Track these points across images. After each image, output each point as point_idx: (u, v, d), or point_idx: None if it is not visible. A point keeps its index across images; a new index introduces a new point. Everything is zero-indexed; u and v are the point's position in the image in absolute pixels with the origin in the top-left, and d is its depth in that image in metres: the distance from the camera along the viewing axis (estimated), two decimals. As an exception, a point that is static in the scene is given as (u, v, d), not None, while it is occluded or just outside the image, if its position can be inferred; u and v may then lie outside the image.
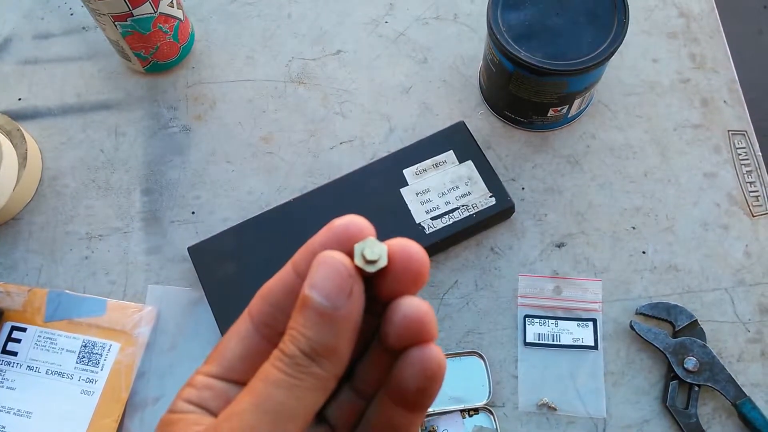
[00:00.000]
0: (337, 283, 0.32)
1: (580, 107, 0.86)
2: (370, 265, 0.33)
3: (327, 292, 0.32)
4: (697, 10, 0.96)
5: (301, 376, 0.32)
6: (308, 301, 0.32)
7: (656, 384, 0.78)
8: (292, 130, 0.91)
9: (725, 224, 0.84)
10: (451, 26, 0.96)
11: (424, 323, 0.33)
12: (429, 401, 0.34)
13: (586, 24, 0.78)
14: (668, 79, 0.92)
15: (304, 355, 0.32)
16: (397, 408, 0.35)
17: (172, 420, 0.34)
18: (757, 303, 0.81)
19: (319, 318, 0.32)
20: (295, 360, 0.32)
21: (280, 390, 0.32)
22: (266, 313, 0.36)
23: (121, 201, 0.87)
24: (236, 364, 0.36)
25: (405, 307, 0.33)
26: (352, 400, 0.37)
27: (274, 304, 0.36)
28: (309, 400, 0.32)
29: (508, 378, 0.78)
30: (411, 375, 0.33)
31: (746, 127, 0.89)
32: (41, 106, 0.93)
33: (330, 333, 0.32)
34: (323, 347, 0.32)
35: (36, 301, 0.81)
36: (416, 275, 0.34)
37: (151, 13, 0.84)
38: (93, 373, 0.78)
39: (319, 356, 0.32)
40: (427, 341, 0.33)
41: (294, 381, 0.32)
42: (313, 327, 0.32)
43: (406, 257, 0.34)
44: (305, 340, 0.32)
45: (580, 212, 0.85)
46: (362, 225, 0.35)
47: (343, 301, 0.32)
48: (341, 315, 0.32)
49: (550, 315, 0.80)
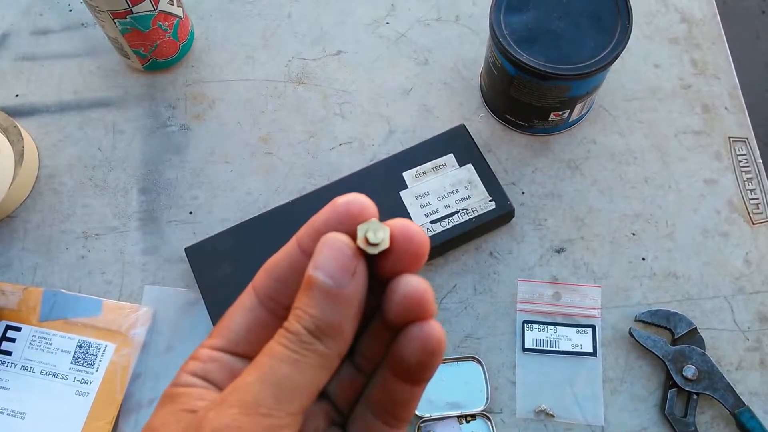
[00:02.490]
0: (341, 264, 0.33)
1: (581, 112, 0.86)
2: (372, 247, 0.34)
3: (331, 272, 0.33)
4: (699, 15, 0.96)
5: (305, 353, 0.33)
6: (313, 281, 0.33)
7: (655, 392, 0.77)
8: (291, 130, 0.90)
9: (725, 231, 0.84)
10: (453, 28, 0.96)
11: (424, 300, 0.34)
12: (430, 374, 0.35)
13: (588, 28, 0.78)
14: (669, 85, 0.92)
15: (308, 332, 0.33)
16: (398, 382, 0.36)
17: (176, 393, 0.35)
18: (757, 311, 0.80)
19: (323, 297, 0.33)
20: (299, 337, 0.33)
21: (284, 365, 0.32)
22: (271, 287, 0.36)
23: (118, 200, 0.87)
24: (241, 336, 0.36)
25: (405, 285, 0.34)
26: (352, 376, 0.38)
27: (279, 278, 0.36)
28: (313, 376, 0.33)
29: (506, 384, 0.78)
30: (412, 350, 0.34)
31: (747, 134, 0.89)
32: (39, 103, 0.92)
33: (334, 311, 0.33)
34: (327, 325, 0.33)
35: (31, 300, 0.81)
36: (416, 256, 0.35)
37: (150, 11, 0.84)
38: (88, 374, 0.77)
39: (323, 334, 0.33)
40: (426, 317, 0.34)
41: (298, 357, 0.33)
42: (317, 306, 0.33)
43: (407, 238, 0.34)
44: (310, 318, 0.33)
45: (580, 217, 0.85)
46: (365, 203, 0.35)
47: (346, 280, 0.33)
48: (345, 294, 0.33)
49: (548, 321, 0.80)
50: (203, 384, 0.35)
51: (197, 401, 0.34)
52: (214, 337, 0.37)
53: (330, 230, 0.35)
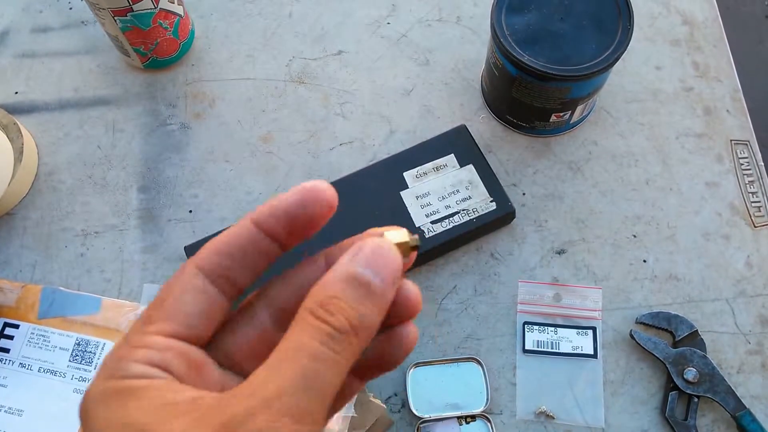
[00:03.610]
0: (393, 270, 0.34)
1: (582, 113, 0.86)
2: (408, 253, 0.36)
3: (383, 276, 0.34)
4: (701, 18, 0.95)
5: (343, 352, 0.32)
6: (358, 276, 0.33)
7: (655, 394, 0.77)
8: (291, 130, 0.90)
9: (727, 234, 0.84)
10: (454, 29, 0.96)
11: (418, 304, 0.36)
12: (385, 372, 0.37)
13: (590, 29, 0.78)
14: (671, 87, 0.91)
15: (351, 328, 0.32)
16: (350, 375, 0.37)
17: (132, 387, 0.31)
18: (758, 314, 0.80)
19: (372, 297, 0.33)
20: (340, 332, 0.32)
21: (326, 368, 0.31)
22: (223, 265, 0.35)
23: (117, 198, 0.86)
24: (197, 321, 0.35)
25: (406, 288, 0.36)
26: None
27: (233, 256, 0.35)
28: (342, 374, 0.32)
29: (506, 385, 0.77)
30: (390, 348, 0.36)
31: (749, 136, 0.88)
32: (38, 101, 0.92)
33: (377, 313, 0.33)
34: (367, 324, 0.33)
35: (29, 297, 0.80)
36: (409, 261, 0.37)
37: (151, 9, 0.83)
38: (86, 371, 0.77)
39: (361, 332, 0.33)
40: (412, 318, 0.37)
41: (338, 358, 0.32)
42: (364, 304, 0.33)
43: None
44: (356, 314, 0.32)
45: (581, 219, 0.84)
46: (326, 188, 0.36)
47: (392, 288, 0.34)
48: (388, 300, 0.34)
49: (549, 322, 0.80)
50: (164, 375, 0.33)
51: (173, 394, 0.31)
52: (164, 320, 0.34)
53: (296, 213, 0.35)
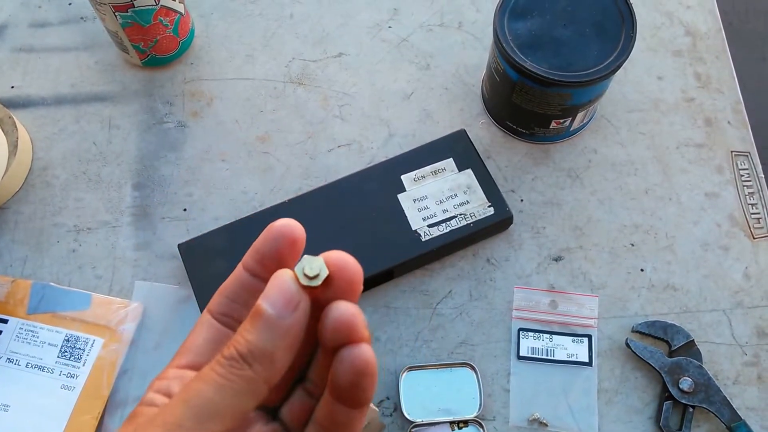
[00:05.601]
0: (286, 297, 0.35)
1: (582, 121, 0.85)
2: (312, 280, 0.36)
3: (275, 303, 0.35)
4: (703, 29, 0.95)
5: (232, 377, 0.35)
6: (258, 310, 0.35)
7: (650, 403, 0.76)
8: (289, 131, 0.89)
9: (725, 245, 0.83)
10: (456, 34, 0.95)
11: (352, 324, 0.36)
12: (364, 397, 0.37)
13: (593, 36, 0.77)
14: (672, 97, 0.91)
15: (240, 356, 0.35)
16: (338, 404, 0.37)
17: (136, 413, 0.36)
18: (755, 326, 0.79)
19: (263, 325, 0.35)
20: (230, 361, 0.35)
21: (209, 387, 0.34)
22: (223, 304, 0.40)
23: (111, 195, 0.86)
24: (203, 350, 0.39)
25: (335, 311, 0.36)
26: (303, 401, 0.41)
27: (230, 297, 0.40)
28: (236, 400, 0.35)
29: (500, 391, 0.77)
30: (343, 371, 0.36)
31: (750, 148, 0.88)
32: (34, 95, 0.91)
33: (269, 339, 0.35)
34: (260, 351, 0.35)
35: (19, 292, 0.79)
36: (351, 283, 0.37)
37: (152, 5, 0.83)
38: (75, 368, 0.76)
39: (254, 359, 0.35)
40: (356, 341, 0.36)
41: (224, 381, 0.34)
42: (255, 332, 0.35)
43: (341, 267, 0.37)
44: (245, 342, 0.35)
45: (579, 227, 0.84)
46: (293, 226, 0.39)
47: (288, 313, 0.35)
48: (284, 325, 0.35)
49: (544, 329, 0.79)
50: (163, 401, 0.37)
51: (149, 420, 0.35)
52: (179, 355, 0.39)
53: (268, 251, 0.39)
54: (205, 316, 0.40)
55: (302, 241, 0.39)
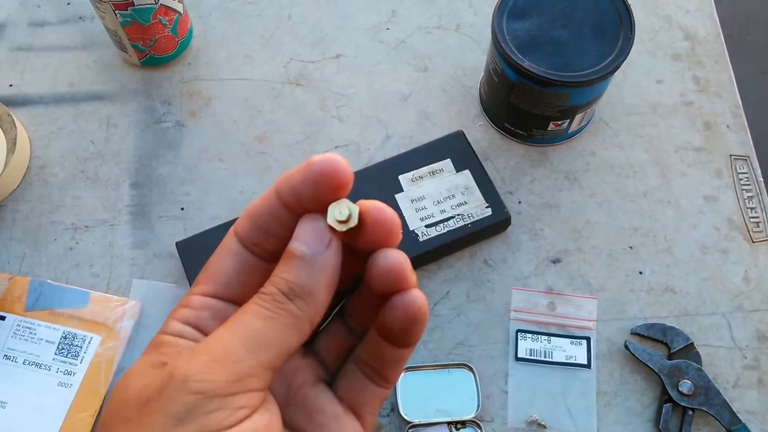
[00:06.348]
0: (318, 235, 0.35)
1: (581, 123, 0.85)
2: (341, 225, 0.36)
3: (308, 242, 0.35)
4: (702, 33, 0.95)
5: (278, 311, 0.34)
6: (290, 251, 0.35)
7: (649, 406, 0.76)
8: (287, 131, 0.89)
9: (724, 249, 0.83)
10: (454, 36, 0.95)
11: (401, 272, 0.36)
12: (415, 339, 0.38)
13: (591, 37, 0.77)
14: (671, 101, 0.91)
15: (281, 293, 0.34)
16: (387, 344, 0.38)
17: (160, 341, 0.35)
18: (755, 330, 0.79)
19: (298, 263, 0.35)
20: (273, 296, 0.34)
21: (257, 320, 0.34)
22: (253, 233, 0.37)
23: (109, 193, 0.85)
24: (232, 280, 0.37)
25: (383, 259, 0.36)
26: (342, 335, 0.41)
27: (260, 225, 0.37)
28: (284, 334, 0.34)
29: (498, 393, 0.76)
30: (396, 318, 0.36)
31: (749, 152, 0.88)
32: (33, 94, 0.91)
33: (308, 276, 0.35)
34: (300, 288, 0.35)
35: (17, 289, 0.79)
36: (389, 231, 0.36)
37: (151, 4, 0.83)
38: (72, 365, 0.75)
39: (296, 296, 0.34)
40: (406, 288, 0.36)
41: (270, 314, 0.34)
42: (292, 270, 0.35)
43: (378, 215, 0.36)
44: (284, 281, 0.35)
45: (577, 229, 0.84)
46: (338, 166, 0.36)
47: (321, 249, 0.35)
48: (319, 261, 0.35)
49: (543, 331, 0.78)
50: (193, 333, 0.36)
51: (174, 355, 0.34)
52: (204, 282, 0.37)
53: (307, 192, 0.36)
54: (232, 241, 0.38)
55: (349, 183, 0.36)
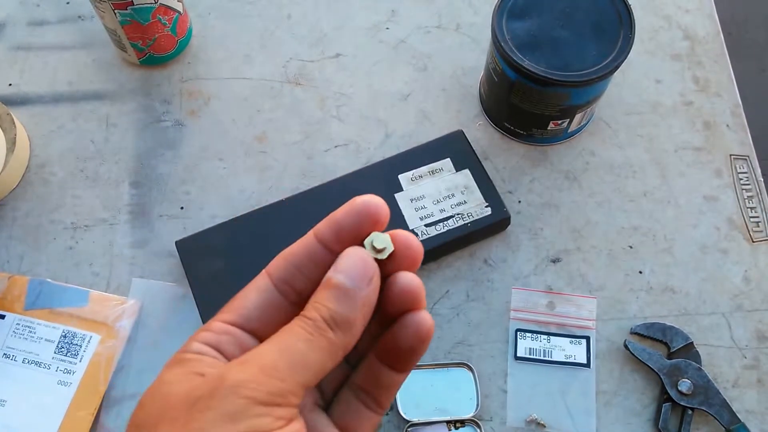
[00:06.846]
0: (362, 270, 0.38)
1: (580, 122, 0.85)
2: (380, 253, 0.39)
3: (352, 276, 0.37)
4: (702, 33, 0.95)
5: (319, 337, 0.36)
6: (334, 281, 0.37)
7: (649, 405, 0.76)
8: (286, 130, 0.89)
9: (724, 248, 0.83)
10: (453, 36, 0.95)
11: (418, 293, 0.39)
12: (414, 361, 0.40)
13: (591, 37, 0.77)
14: (671, 101, 0.91)
15: (324, 320, 0.37)
16: (384, 368, 0.41)
17: (185, 358, 0.37)
18: (755, 329, 0.79)
19: (342, 295, 0.37)
20: (316, 322, 0.37)
21: (300, 342, 0.36)
22: (287, 271, 0.40)
23: (108, 192, 0.85)
24: (254, 314, 0.39)
25: (402, 279, 0.39)
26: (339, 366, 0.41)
27: (296, 264, 0.40)
28: (322, 357, 0.37)
29: (497, 392, 0.76)
30: (405, 336, 0.39)
31: (749, 152, 0.88)
32: (32, 93, 0.91)
33: (349, 308, 0.37)
34: (342, 318, 0.37)
35: (16, 288, 0.79)
36: (413, 259, 0.40)
37: (151, 3, 0.83)
38: (71, 364, 0.75)
39: (336, 325, 0.37)
40: (420, 308, 0.39)
41: (312, 338, 0.36)
42: (335, 301, 0.37)
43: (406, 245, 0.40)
44: (327, 310, 0.37)
45: (577, 229, 0.84)
46: (380, 204, 0.39)
47: (364, 284, 0.38)
48: (361, 296, 0.37)
49: (542, 330, 0.78)
50: (214, 353, 0.38)
51: (207, 368, 0.36)
52: (228, 312, 0.40)
53: (348, 225, 0.39)
54: (263, 280, 0.40)
55: (386, 220, 0.40)
